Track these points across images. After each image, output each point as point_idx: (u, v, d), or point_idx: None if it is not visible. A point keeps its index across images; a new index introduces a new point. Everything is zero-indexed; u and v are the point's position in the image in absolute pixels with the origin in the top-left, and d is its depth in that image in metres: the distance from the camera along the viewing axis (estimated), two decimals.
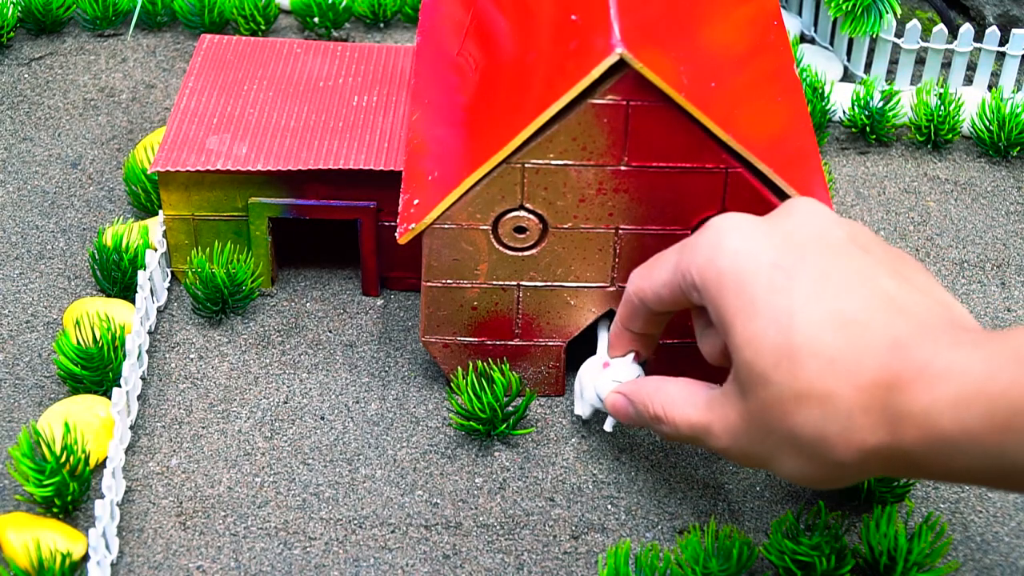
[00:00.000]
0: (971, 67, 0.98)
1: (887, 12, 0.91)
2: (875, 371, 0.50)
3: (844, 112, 0.91)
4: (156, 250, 0.76)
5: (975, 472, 0.49)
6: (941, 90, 0.90)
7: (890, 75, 0.96)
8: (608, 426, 0.68)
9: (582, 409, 0.68)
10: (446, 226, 0.65)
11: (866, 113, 0.89)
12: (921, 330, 0.51)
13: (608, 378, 0.66)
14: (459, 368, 0.70)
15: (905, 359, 0.50)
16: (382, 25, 1.01)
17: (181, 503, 0.66)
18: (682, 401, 0.60)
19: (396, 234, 0.65)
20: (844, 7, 0.91)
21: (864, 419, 0.51)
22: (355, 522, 0.65)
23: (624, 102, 0.61)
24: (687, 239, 0.59)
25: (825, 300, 0.52)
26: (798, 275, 0.53)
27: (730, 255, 0.55)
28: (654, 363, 0.69)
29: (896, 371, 0.50)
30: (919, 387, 0.49)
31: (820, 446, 0.52)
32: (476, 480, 0.67)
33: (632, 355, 0.66)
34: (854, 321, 0.51)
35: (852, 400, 0.51)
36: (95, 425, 0.67)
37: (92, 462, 0.66)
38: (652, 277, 0.60)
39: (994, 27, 0.93)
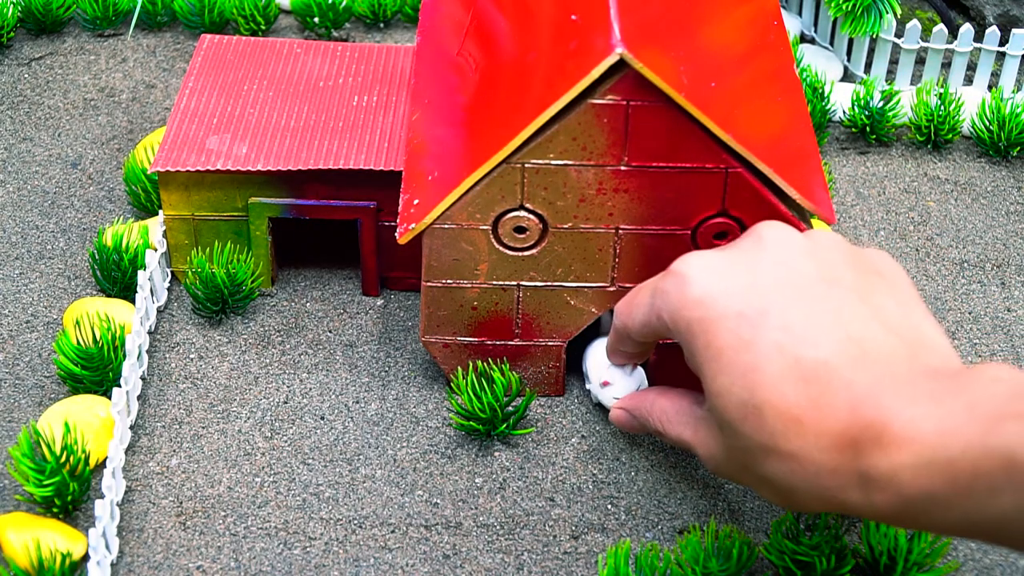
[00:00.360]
0: (971, 67, 0.98)
1: (887, 12, 0.91)
2: (837, 433, 0.50)
3: (844, 112, 0.91)
4: (156, 250, 0.76)
5: (947, 530, 0.49)
6: (941, 90, 0.90)
7: (890, 75, 0.96)
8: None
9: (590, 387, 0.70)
10: (446, 226, 0.65)
11: (866, 113, 0.89)
12: (882, 383, 0.50)
13: (609, 395, 0.67)
14: (459, 368, 0.70)
15: (865, 420, 0.50)
16: (382, 25, 1.01)
17: (181, 503, 0.66)
18: (676, 417, 0.61)
19: (396, 234, 0.65)
20: (844, 7, 0.91)
21: (833, 480, 0.51)
22: (355, 522, 0.65)
23: (624, 102, 0.61)
24: (659, 279, 0.58)
25: (789, 353, 0.52)
26: (763, 325, 0.53)
27: (695, 305, 0.55)
28: (656, 363, 0.69)
29: (856, 434, 0.50)
30: (880, 451, 0.49)
31: (790, 495, 0.53)
32: (476, 480, 0.67)
33: (630, 367, 0.67)
34: (816, 376, 0.51)
35: (818, 461, 0.51)
36: (95, 425, 0.67)
37: (92, 462, 0.66)
38: (633, 316, 0.61)
39: (994, 27, 0.93)
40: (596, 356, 0.68)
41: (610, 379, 0.67)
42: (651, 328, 0.59)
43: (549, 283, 0.67)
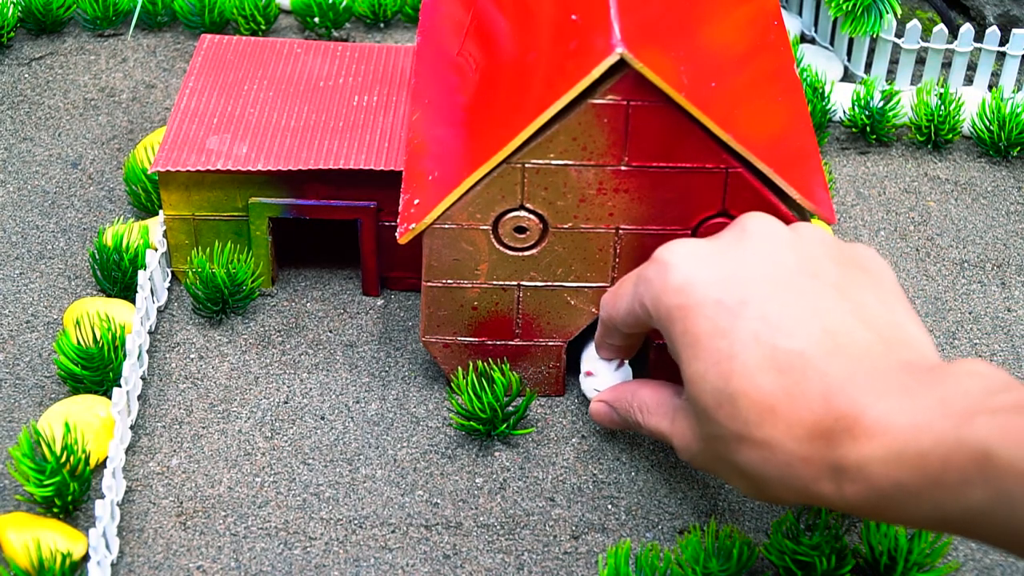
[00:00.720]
0: (971, 67, 0.98)
1: (887, 12, 0.91)
2: (811, 423, 0.51)
3: (844, 112, 0.91)
4: (156, 250, 0.76)
5: (918, 523, 0.49)
6: (941, 90, 0.90)
7: (890, 75, 0.96)
8: None
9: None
10: (446, 226, 0.65)
11: (866, 113, 0.89)
12: (856, 375, 0.51)
13: (590, 387, 0.67)
14: (459, 368, 0.70)
15: (838, 411, 0.50)
16: (382, 25, 1.01)
17: (181, 503, 0.66)
18: (655, 408, 0.62)
19: (396, 234, 0.65)
20: (844, 7, 0.91)
21: (805, 470, 0.51)
22: (355, 522, 0.65)
23: (624, 102, 0.61)
24: (642, 268, 0.59)
25: (765, 342, 0.52)
26: (741, 314, 0.53)
27: (675, 292, 0.56)
28: (654, 361, 0.69)
29: (829, 425, 0.50)
30: (852, 442, 0.49)
31: (763, 485, 0.54)
32: (476, 480, 0.67)
33: (617, 362, 0.67)
34: (791, 367, 0.52)
35: (791, 451, 0.51)
36: (95, 425, 0.67)
37: (92, 462, 0.66)
38: (617, 305, 0.62)
39: (994, 27, 0.93)
40: (590, 348, 0.69)
41: (594, 370, 0.68)
42: (635, 316, 0.60)
43: (549, 283, 0.67)
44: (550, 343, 0.69)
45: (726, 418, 0.53)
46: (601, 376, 0.68)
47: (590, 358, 0.68)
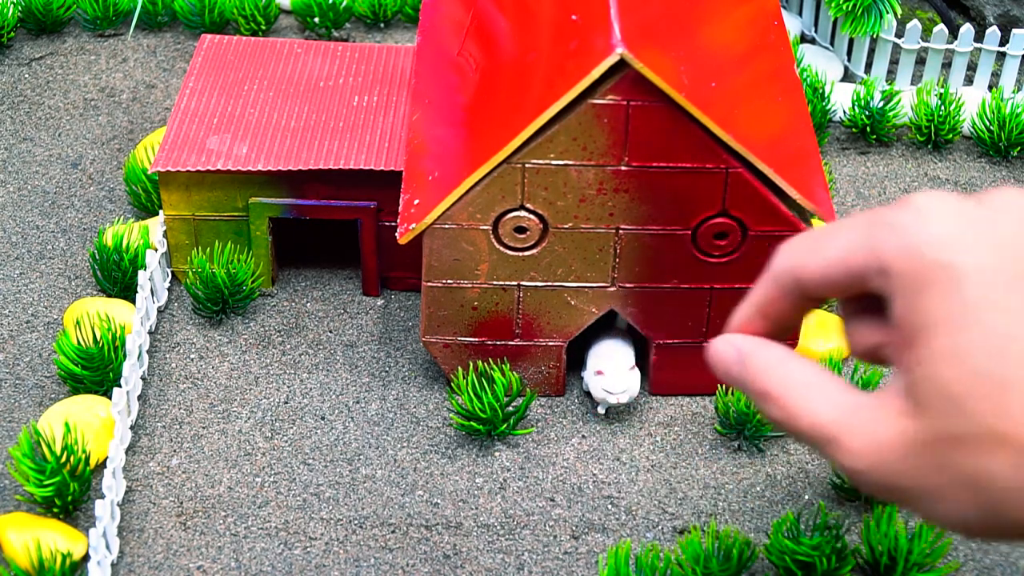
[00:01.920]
0: (971, 67, 0.98)
1: (887, 12, 0.91)
2: None
3: (844, 112, 0.91)
4: (156, 250, 0.76)
5: None
6: (941, 90, 0.90)
7: (890, 75, 0.96)
8: (600, 409, 0.69)
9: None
10: (446, 226, 0.65)
11: (866, 113, 0.89)
12: None
13: (599, 386, 0.67)
14: (459, 368, 0.70)
15: None
16: (382, 25, 1.01)
17: (181, 503, 0.66)
18: (814, 391, 0.48)
19: (396, 234, 0.65)
20: (844, 7, 0.91)
21: None
22: (355, 522, 0.65)
23: (624, 102, 0.61)
24: (874, 212, 0.47)
25: None
26: (1020, 292, 0.43)
27: (940, 246, 0.44)
28: (655, 363, 0.69)
29: None
30: None
31: (1008, 500, 0.43)
32: (476, 480, 0.67)
33: (631, 366, 0.67)
34: None
35: None
36: (95, 425, 0.67)
37: (92, 462, 0.66)
38: (822, 252, 0.48)
39: (994, 27, 0.93)
40: (600, 347, 0.68)
41: (605, 370, 0.67)
42: (850, 269, 0.47)
43: (549, 283, 0.67)
44: (550, 343, 0.69)
45: (988, 411, 0.42)
46: (611, 376, 0.67)
47: (601, 357, 0.68)
